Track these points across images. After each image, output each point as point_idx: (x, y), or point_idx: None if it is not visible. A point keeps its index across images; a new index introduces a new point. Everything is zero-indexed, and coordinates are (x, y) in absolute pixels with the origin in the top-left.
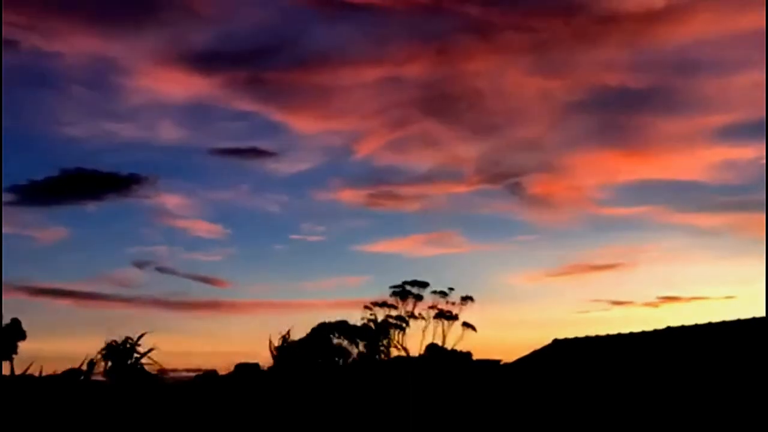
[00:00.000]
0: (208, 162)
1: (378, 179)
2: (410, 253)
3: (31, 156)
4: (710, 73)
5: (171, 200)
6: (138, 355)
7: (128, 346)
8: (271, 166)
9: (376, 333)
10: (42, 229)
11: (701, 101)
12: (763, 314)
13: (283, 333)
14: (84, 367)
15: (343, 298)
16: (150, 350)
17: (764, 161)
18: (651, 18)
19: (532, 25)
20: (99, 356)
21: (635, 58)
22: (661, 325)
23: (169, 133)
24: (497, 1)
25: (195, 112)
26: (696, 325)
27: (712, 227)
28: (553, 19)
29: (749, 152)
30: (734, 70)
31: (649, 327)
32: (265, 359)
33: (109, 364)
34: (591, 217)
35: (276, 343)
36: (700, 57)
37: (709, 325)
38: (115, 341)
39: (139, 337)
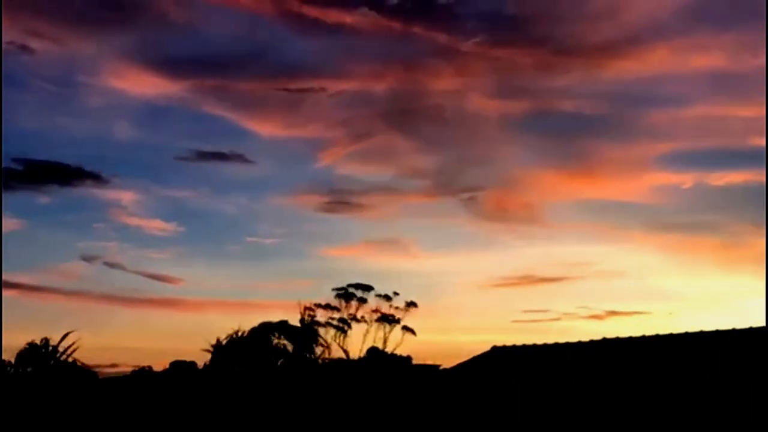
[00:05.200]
0: (169, 162)
1: (338, 187)
2: (363, 259)
3: None
4: (658, 105)
5: (125, 197)
6: (60, 354)
7: (50, 348)
8: (232, 169)
9: (308, 334)
10: None
11: (647, 130)
12: (698, 329)
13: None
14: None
15: (293, 300)
16: (71, 347)
17: (694, 187)
18: (607, 52)
19: (495, 54)
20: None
21: (590, 88)
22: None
23: (130, 131)
24: (464, 30)
25: (159, 114)
26: (631, 338)
27: (654, 247)
28: (516, 49)
29: (689, 179)
30: (680, 104)
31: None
32: (201, 357)
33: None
34: (541, 232)
35: (212, 341)
36: (651, 90)
37: (644, 338)
38: (34, 341)
39: (63, 337)
